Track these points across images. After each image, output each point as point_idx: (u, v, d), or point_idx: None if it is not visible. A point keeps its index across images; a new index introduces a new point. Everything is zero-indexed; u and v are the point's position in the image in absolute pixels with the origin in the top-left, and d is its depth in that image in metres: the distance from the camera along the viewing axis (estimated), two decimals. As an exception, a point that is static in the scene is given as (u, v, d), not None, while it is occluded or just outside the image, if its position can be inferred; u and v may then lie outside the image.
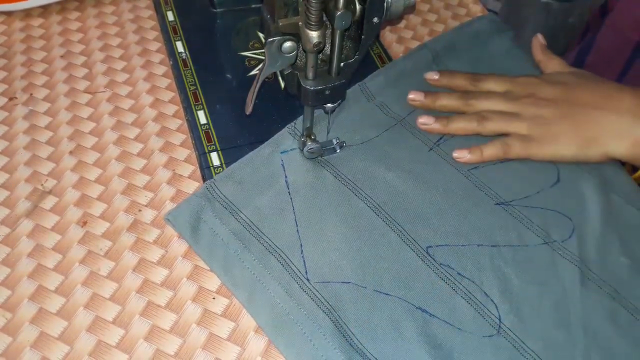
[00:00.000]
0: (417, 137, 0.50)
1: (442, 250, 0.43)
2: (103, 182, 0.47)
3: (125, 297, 0.41)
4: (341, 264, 0.42)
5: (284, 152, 0.47)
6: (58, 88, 0.53)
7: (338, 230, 0.43)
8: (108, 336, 0.39)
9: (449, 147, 0.49)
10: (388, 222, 0.44)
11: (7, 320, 0.40)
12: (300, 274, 0.41)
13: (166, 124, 0.51)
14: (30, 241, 0.43)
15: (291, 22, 0.38)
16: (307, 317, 0.39)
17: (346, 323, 0.39)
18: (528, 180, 0.48)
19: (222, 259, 0.42)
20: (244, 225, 0.43)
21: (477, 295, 0.41)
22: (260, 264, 0.41)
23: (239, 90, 0.53)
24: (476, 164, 0.48)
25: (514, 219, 0.45)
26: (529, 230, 0.44)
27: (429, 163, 0.48)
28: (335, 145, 0.48)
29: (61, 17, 0.60)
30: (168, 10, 0.60)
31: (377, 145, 0.49)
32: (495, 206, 0.46)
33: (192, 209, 0.44)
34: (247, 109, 0.45)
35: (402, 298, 0.40)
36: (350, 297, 0.40)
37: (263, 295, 0.40)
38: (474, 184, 0.47)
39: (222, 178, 0.45)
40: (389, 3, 0.39)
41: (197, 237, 0.43)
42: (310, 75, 0.41)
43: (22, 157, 0.48)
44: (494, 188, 0.47)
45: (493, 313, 0.40)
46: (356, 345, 0.38)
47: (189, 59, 0.55)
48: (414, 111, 0.51)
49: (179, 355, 0.39)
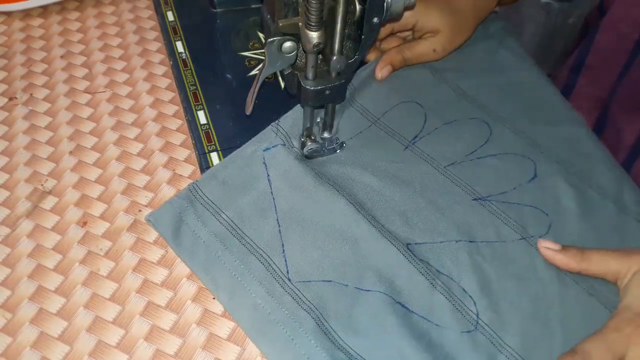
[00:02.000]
0: (393, 136, 0.50)
1: (420, 248, 0.43)
2: (103, 183, 0.47)
3: (125, 297, 0.41)
4: (323, 262, 0.42)
5: (267, 149, 0.47)
6: (58, 88, 0.53)
7: (320, 228, 0.43)
8: (108, 336, 0.39)
9: (425, 144, 0.49)
10: (369, 219, 0.44)
11: (7, 320, 0.40)
12: (281, 273, 0.41)
13: (166, 124, 0.51)
14: (30, 241, 0.43)
15: (291, 22, 0.38)
16: (289, 316, 0.39)
17: (327, 321, 0.39)
18: (505, 176, 0.48)
19: (203, 260, 0.42)
20: (225, 226, 0.43)
21: (456, 292, 0.41)
22: (241, 264, 0.41)
23: (239, 90, 0.53)
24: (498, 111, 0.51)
25: (491, 215, 0.45)
26: (506, 226, 0.45)
27: (404, 161, 0.48)
28: (335, 145, 0.48)
29: (61, 17, 0.60)
30: (168, 10, 0.60)
31: (353, 146, 0.49)
32: (473, 202, 0.46)
33: (174, 210, 0.44)
34: (247, 109, 0.45)
35: (382, 292, 0.40)
36: (332, 295, 0.40)
37: (244, 296, 0.40)
38: (451, 180, 0.47)
39: (205, 179, 0.46)
40: (389, 3, 0.39)
41: (179, 239, 0.43)
42: (310, 75, 0.41)
43: (22, 157, 0.48)
44: (471, 184, 0.47)
45: (471, 309, 0.40)
46: (338, 342, 0.38)
47: (189, 59, 0.55)
48: (389, 111, 0.52)
49: (179, 355, 0.39)
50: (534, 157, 0.49)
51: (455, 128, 0.51)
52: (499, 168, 0.48)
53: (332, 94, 0.42)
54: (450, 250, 0.43)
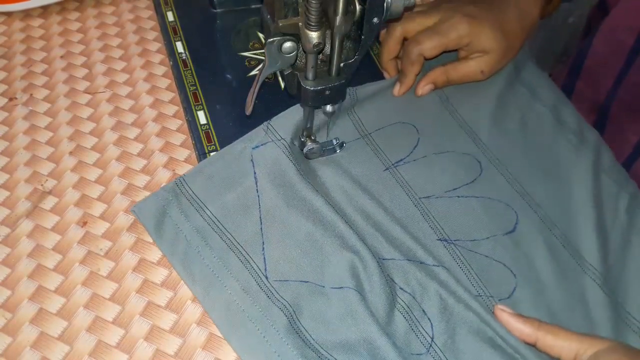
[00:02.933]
0: (376, 154, 0.48)
1: (388, 263, 0.42)
2: (103, 183, 0.47)
3: (125, 297, 0.41)
4: (302, 262, 0.42)
5: (255, 147, 0.47)
6: (58, 88, 0.53)
7: (301, 229, 0.43)
8: (108, 336, 0.39)
9: (407, 170, 0.48)
10: (350, 223, 0.43)
11: (7, 320, 0.40)
12: (259, 271, 0.41)
13: (166, 125, 0.51)
14: (30, 241, 0.43)
15: (291, 22, 0.38)
16: (262, 314, 0.39)
17: (300, 320, 0.39)
18: (480, 222, 0.45)
19: (182, 254, 0.42)
20: (208, 221, 0.43)
21: (415, 312, 0.41)
22: (219, 260, 0.41)
23: (239, 90, 0.53)
24: (495, 152, 0.49)
25: (453, 260, 0.43)
26: (465, 278, 0.42)
27: (380, 182, 0.47)
28: (335, 145, 0.48)
29: (61, 17, 0.60)
30: (168, 10, 0.60)
31: (337, 156, 0.48)
32: (437, 241, 0.44)
33: (158, 202, 0.44)
34: (247, 109, 0.45)
35: (353, 289, 0.40)
36: (307, 295, 0.41)
37: (219, 291, 0.40)
38: (421, 213, 0.45)
39: (192, 173, 0.46)
40: (389, 3, 0.39)
41: (161, 232, 0.43)
42: (310, 75, 0.41)
43: (22, 157, 0.48)
44: (442, 223, 0.45)
45: (427, 331, 0.40)
46: (309, 341, 0.39)
47: (189, 59, 0.55)
48: (382, 128, 0.50)
49: (179, 355, 0.39)
50: (518, 208, 0.46)
51: (444, 160, 0.49)
52: (477, 212, 0.46)
53: (332, 94, 0.42)
54: (416, 270, 0.42)
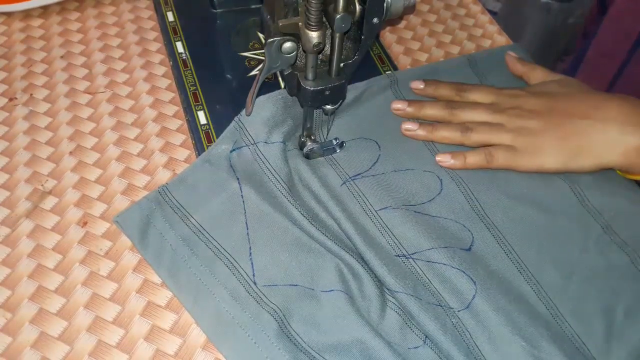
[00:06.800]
0: (334, 168, 0.47)
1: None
2: (103, 183, 0.47)
3: (125, 297, 0.41)
4: (289, 266, 0.42)
5: (233, 150, 0.47)
6: (58, 88, 0.53)
7: (289, 231, 0.43)
8: (108, 336, 0.39)
9: (364, 183, 0.46)
10: (322, 230, 0.43)
11: (7, 320, 0.40)
12: (247, 277, 0.41)
13: (166, 125, 0.51)
14: (30, 241, 0.43)
15: (291, 22, 0.38)
16: (252, 319, 0.39)
17: (291, 323, 0.39)
18: (437, 236, 0.43)
19: (168, 264, 0.41)
20: (193, 230, 0.43)
21: (407, 307, 0.40)
22: (207, 269, 0.41)
23: (239, 90, 0.53)
24: (457, 170, 0.47)
25: (411, 274, 0.42)
26: (425, 289, 0.41)
27: (338, 197, 0.45)
28: (335, 145, 0.48)
29: (61, 17, 0.60)
30: (168, 10, 0.60)
31: (301, 162, 0.47)
32: (395, 257, 0.43)
33: (142, 212, 0.43)
34: (247, 109, 0.45)
35: (343, 291, 0.40)
36: (297, 299, 0.40)
37: (208, 300, 0.40)
38: (377, 228, 0.44)
39: (175, 181, 0.45)
40: (389, 3, 0.39)
41: (145, 242, 0.42)
42: (310, 75, 0.41)
43: (22, 157, 0.48)
44: (398, 236, 0.43)
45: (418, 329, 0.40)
46: (301, 344, 0.39)
47: (189, 60, 0.55)
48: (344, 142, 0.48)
49: (179, 355, 0.39)
50: (475, 230, 0.45)
51: (403, 177, 0.47)
52: (434, 227, 0.44)
53: (332, 94, 0.42)
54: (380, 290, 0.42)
